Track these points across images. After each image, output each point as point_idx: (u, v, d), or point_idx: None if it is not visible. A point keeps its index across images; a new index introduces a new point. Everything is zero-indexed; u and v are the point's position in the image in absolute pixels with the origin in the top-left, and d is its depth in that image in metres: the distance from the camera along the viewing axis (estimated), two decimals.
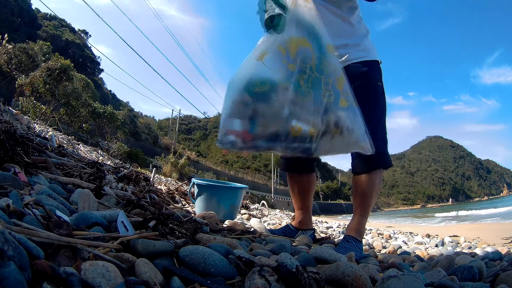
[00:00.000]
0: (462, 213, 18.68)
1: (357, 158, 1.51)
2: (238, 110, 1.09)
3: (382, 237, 3.08)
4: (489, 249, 1.98)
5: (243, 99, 1.07)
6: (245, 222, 2.29)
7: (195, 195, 2.11)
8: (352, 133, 1.08)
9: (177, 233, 0.89)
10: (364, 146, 1.12)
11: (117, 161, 7.13)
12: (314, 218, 3.17)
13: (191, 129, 76.71)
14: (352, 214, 1.59)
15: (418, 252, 2.00)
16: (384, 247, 2.24)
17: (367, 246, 2.18)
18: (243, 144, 1.10)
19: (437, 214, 18.99)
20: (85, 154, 4.86)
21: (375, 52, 1.54)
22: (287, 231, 1.74)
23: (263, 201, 5.18)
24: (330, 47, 1.12)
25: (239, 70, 1.13)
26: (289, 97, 1.05)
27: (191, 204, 2.48)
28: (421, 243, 2.70)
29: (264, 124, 1.08)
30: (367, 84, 1.46)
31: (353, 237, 1.47)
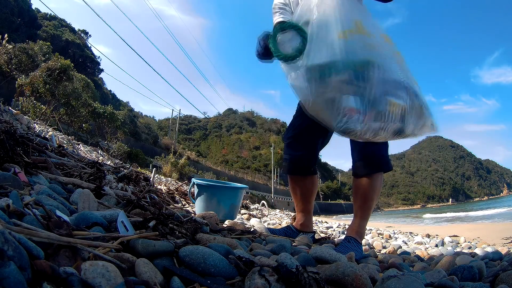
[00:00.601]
0: (451, 214, 18.55)
1: (358, 161, 1.52)
2: (347, 89, 1.05)
3: (382, 237, 3.08)
4: (489, 249, 1.98)
5: (348, 78, 1.05)
6: (245, 222, 2.29)
7: (195, 195, 2.11)
8: (427, 108, 1.13)
9: (177, 233, 0.89)
10: (435, 124, 1.15)
11: (117, 161, 7.13)
12: (314, 218, 3.17)
13: (191, 129, 76.68)
14: (353, 215, 1.59)
15: (418, 252, 2.00)
16: (384, 247, 2.24)
17: (367, 246, 2.17)
18: (362, 124, 1.06)
19: (424, 215, 19.22)
20: (85, 154, 4.87)
21: None
22: (288, 232, 1.74)
23: (263, 201, 5.19)
24: (386, 37, 1.16)
25: (319, 51, 1.10)
26: (381, 75, 1.05)
27: (191, 204, 2.48)
28: (421, 243, 2.70)
29: (371, 102, 1.06)
30: None
31: (354, 238, 1.48)
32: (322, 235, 2.56)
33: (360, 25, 1.11)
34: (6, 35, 9.69)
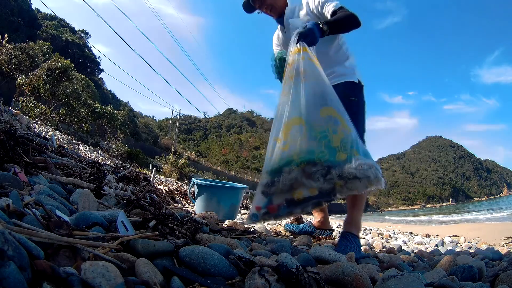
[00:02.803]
0: (415, 218, 18.14)
1: None
2: (263, 189, 1.31)
3: (382, 237, 3.08)
4: (489, 249, 1.97)
5: (267, 182, 1.30)
6: (245, 222, 2.29)
7: (195, 195, 2.11)
8: (362, 175, 1.18)
9: (177, 233, 0.89)
10: (380, 181, 1.22)
11: (117, 161, 7.13)
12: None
13: (191, 129, 76.61)
14: (347, 211, 1.66)
15: (418, 252, 2.00)
16: (384, 247, 2.24)
17: (367, 246, 2.17)
18: (267, 216, 1.31)
19: (387, 216, 19.26)
20: (85, 154, 4.86)
21: (351, 75, 1.70)
22: (307, 229, 1.90)
23: None
24: (324, 111, 1.30)
25: (266, 156, 1.37)
26: (290, 176, 1.24)
27: (191, 204, 2.48)
28: (421, 243, 2.70)
29: (276, 198, 1.29)
30: None
31: (350, 233, 1.52)
32: None
33: (290, 124, 1.30)
34: (6, 35, 9.68)
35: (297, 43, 1.42)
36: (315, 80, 1.37)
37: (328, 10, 1.56)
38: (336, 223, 4.65)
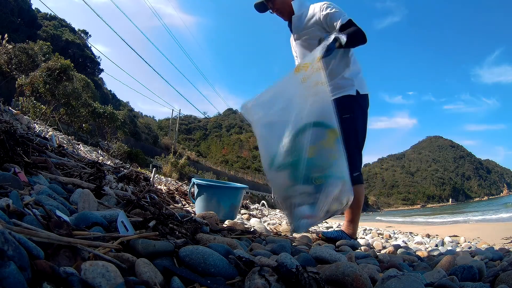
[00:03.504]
0: (402, 219, 17.93)
1: None
2: (303, 199, 1.41)
3: (382, 237, 3.08)
4: (489, 249, 1.97)
5: (307, 190, 1.39)
6: (245, 222, 2.29)
7: (195, 195, 2.11)
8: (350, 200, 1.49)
9: (177, 233, 0.89)
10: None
11: (117, 161, 7.12)
12: None
13: (191, 129, 76.58)
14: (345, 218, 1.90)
15: (418, 252, 1.99)
16: (384, 247, 2.23)
17: (367, 246, 2.17)
18: (315, 223, 1.48)
19: (377, 217, 19.50)
20: (85, 154, 4.86)
21: (349, 86, 1.74)
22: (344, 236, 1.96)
23: (263, 201, 5.18)
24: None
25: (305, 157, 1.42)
26: (338, 189, 1.38)
27: (191, 204, 2.48)
28: (421, 243, 2.70)
29: (323, 207, 1.40)
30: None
31: (341, 230, 1.83)
32: None
33: (333, 137, 1.40)
34: (6, 35, 9.68)
35: (322, 54, 1.47)
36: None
37: (337, 24, 1.63)
38: (336, 223, 4.65)
